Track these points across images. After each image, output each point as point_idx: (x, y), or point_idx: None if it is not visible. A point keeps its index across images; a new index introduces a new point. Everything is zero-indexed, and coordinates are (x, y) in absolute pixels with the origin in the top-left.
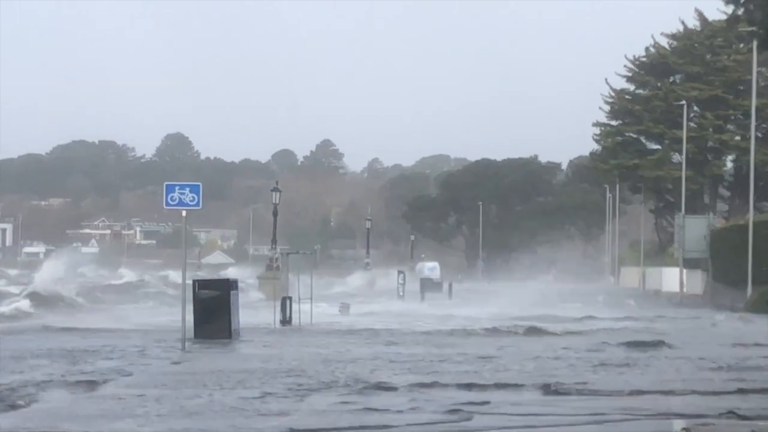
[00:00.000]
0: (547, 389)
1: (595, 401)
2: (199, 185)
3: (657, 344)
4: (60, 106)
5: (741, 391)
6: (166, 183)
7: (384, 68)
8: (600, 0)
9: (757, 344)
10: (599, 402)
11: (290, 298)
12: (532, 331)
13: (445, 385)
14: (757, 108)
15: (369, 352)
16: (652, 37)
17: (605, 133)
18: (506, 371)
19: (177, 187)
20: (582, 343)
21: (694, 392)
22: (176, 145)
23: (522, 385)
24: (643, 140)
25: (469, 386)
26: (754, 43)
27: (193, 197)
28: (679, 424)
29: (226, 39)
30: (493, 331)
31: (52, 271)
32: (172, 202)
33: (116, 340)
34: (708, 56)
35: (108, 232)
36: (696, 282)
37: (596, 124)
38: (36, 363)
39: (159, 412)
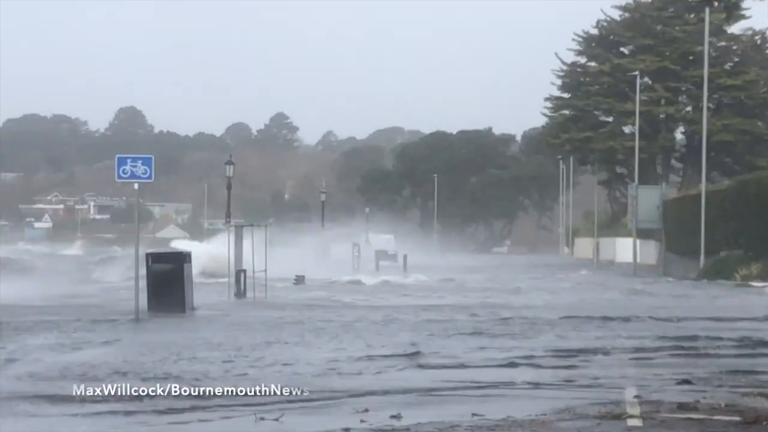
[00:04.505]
0: None
1: None
2: (151, 158)
3: None
4: (11, 80)
5: None
6: (117, 156)
7: (337, 40)
8: None
9: None
10: None
11: (244, 271)
12: None
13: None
14: (708, 78)
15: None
16: (602, 10)
17: (556, 107)
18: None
19: (129, 160)
20: None
21: None
22: (130, 118)
23: None
24: (595, 113)
25: None
26: (707, 12)
27: (145, 170)
28: (631, 392)
29: (178, 11)
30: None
31: None
32: (124, 175)
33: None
34: (658, 28)
35: (61, 206)
36: (649, 252)
37: (548, 98)
38: None
39: None
